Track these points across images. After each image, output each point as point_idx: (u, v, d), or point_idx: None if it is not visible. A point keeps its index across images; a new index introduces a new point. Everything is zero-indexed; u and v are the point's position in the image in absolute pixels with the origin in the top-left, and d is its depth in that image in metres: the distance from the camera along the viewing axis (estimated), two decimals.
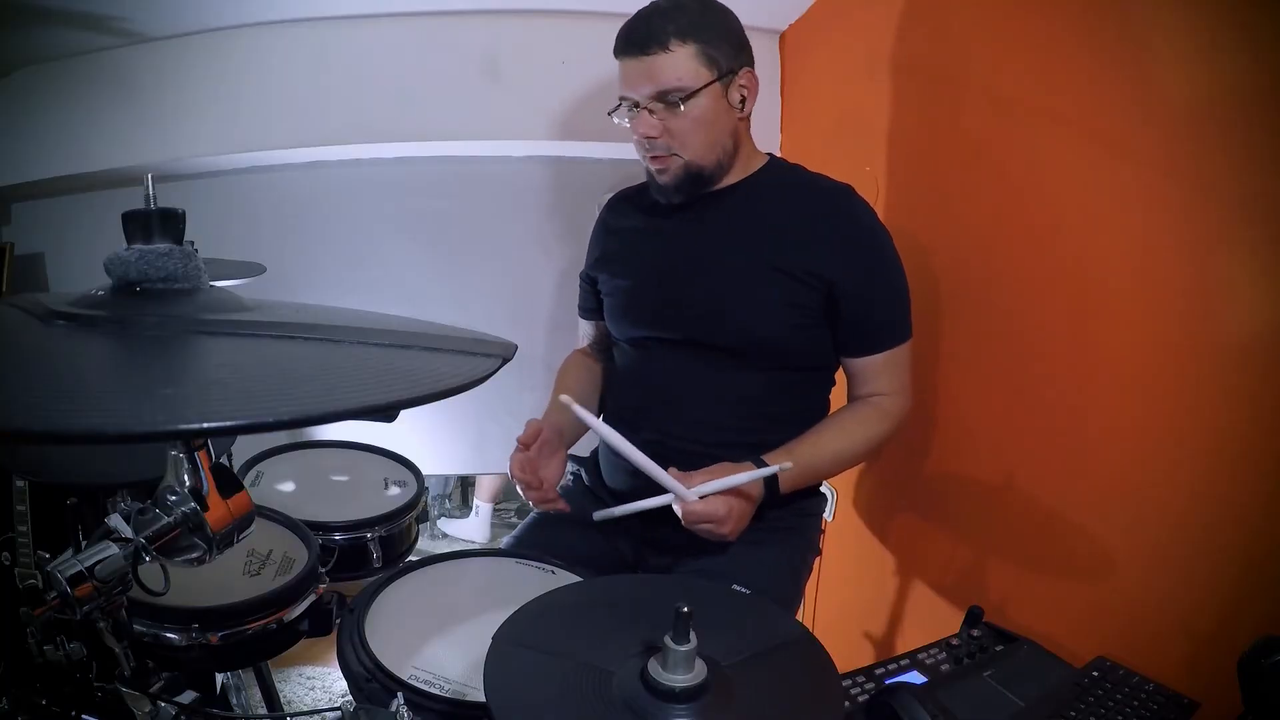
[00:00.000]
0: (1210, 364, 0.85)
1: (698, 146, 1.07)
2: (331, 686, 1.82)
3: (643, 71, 1.04)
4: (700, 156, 1.08)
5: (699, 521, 0.98)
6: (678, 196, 1.12)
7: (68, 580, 0.54)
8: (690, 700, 0.57)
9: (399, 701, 0.67)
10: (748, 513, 1.02)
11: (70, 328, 0.53)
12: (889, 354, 1.10)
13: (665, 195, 1.13)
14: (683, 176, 1.09)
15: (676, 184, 1.10)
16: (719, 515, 0.98)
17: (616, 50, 1.08)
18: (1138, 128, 0.92)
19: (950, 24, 1.24)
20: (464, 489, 3.00)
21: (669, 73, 1.03)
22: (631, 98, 1.07)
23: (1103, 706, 0.80)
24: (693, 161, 1.08)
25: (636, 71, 1.05)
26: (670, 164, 1.09)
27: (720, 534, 0.99)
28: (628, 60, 1.06)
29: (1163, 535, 0.90)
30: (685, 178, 1.10)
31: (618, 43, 1.08)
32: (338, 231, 1.86)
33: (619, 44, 1.07)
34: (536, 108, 1.69)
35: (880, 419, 1.11)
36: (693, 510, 0.97)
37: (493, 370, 0.57)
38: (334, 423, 0.48)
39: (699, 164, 1.09)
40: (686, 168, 1.09)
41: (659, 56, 1.02)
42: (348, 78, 1.64)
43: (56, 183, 1.71)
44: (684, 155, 1.08)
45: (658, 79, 1.03)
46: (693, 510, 0.97)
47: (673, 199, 1.13)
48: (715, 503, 0.97)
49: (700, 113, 1.05)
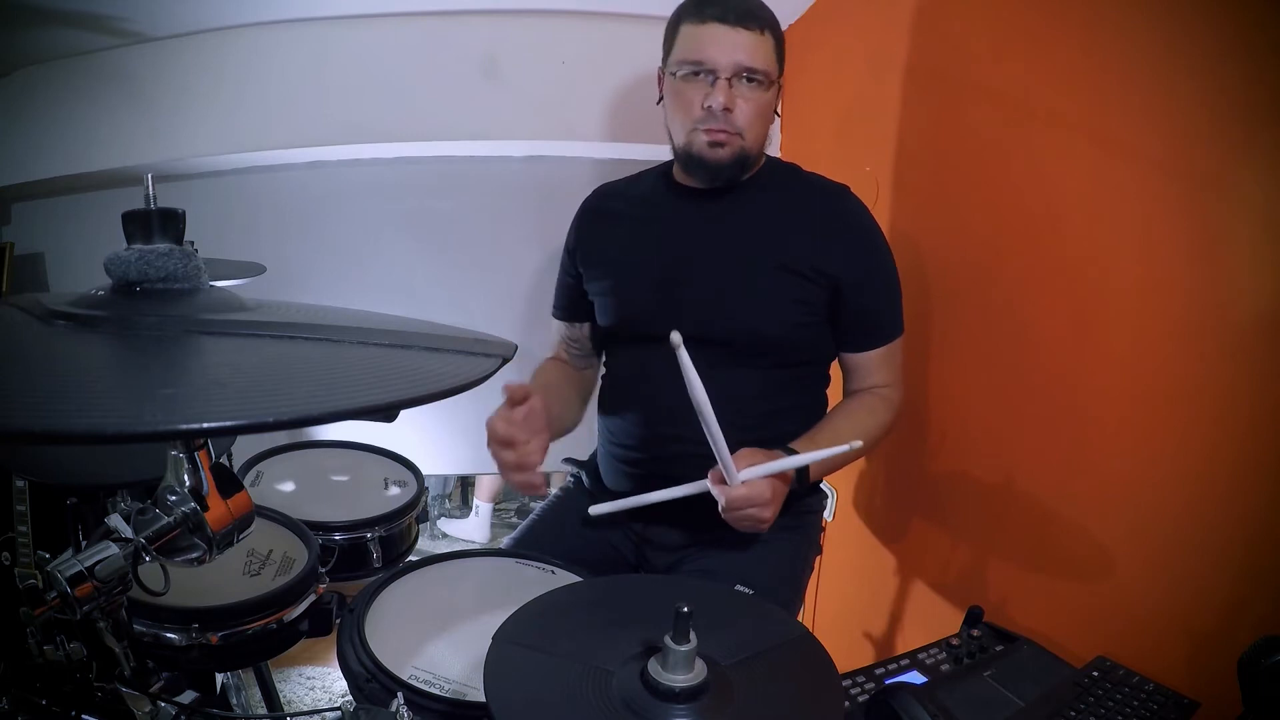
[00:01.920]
0: (1210, 364, 0.85)
1: (758, 134, 1.08)
2: (331, 686, 1.82)
3: (740, 43, 1.02)
4: (755, 145, 1.09)
5: (743, 506, 0.94)
6: (722, 176, 1.10)
7: (68, 580, 0.54)
8: (690, 700, 0.57)
9: (399, 701, 0.67)
10: (783, 499, 1.00)
11: (70, 328, 0.53)
12: (887, 348, 1.13)
13: (708, 174, 1.10)
14: (738, 158, 1.08)
15: (729, 164, 1.08)
16: (764, 498, 0.94)
17: (702, 12, 1.03)
18: (1138, 127, 0.92)
19: (950, 23, 1.24)
20: (464, 489, 3.00)
21: (762, 54, 1.04)
22: (713, 66, 1.03)
23: (1103, 706, 0.80)
24: (749, 145, 1.08)
25: (730, 41, 1.02)
26: (731, 141, 1.07)
27: (762, 519, 0.96)
28: (722, 27, 1.02)
29: (1163, 535, 0.90)
30: (737, 160, 1.08)
31: (710, 7, 1.03)
32: (338, 231, 1.86)
33: (713, 8, 1.03)
34: (536, 108, 1.69)
35: (886, 409, 1.13)
36: (737, 494, 0.94)
37: (493, 370, 0.57)
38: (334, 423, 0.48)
39: (751, 149, 1.08)
40: (743, 150, 1.08)
41: (757, 35, 1.03)
42: (348, 78, 1.64)
43: (56, 183, 1.71)
44: (745, 137, 1.07)
45: (754, 55, 1.03)
46: (737, 494, 0.94)
47: (713, 181, 1.11)
48: (760, 485, 0.94)
49: (766, 104, 1.07)
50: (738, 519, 0.96)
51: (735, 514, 0.96)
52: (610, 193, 1.26)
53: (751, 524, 0.97)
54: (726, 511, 0.95)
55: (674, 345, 0.87)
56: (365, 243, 1.87)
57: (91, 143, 1.64)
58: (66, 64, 1.64)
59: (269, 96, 1.64)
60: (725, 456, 0.92)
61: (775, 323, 1.08)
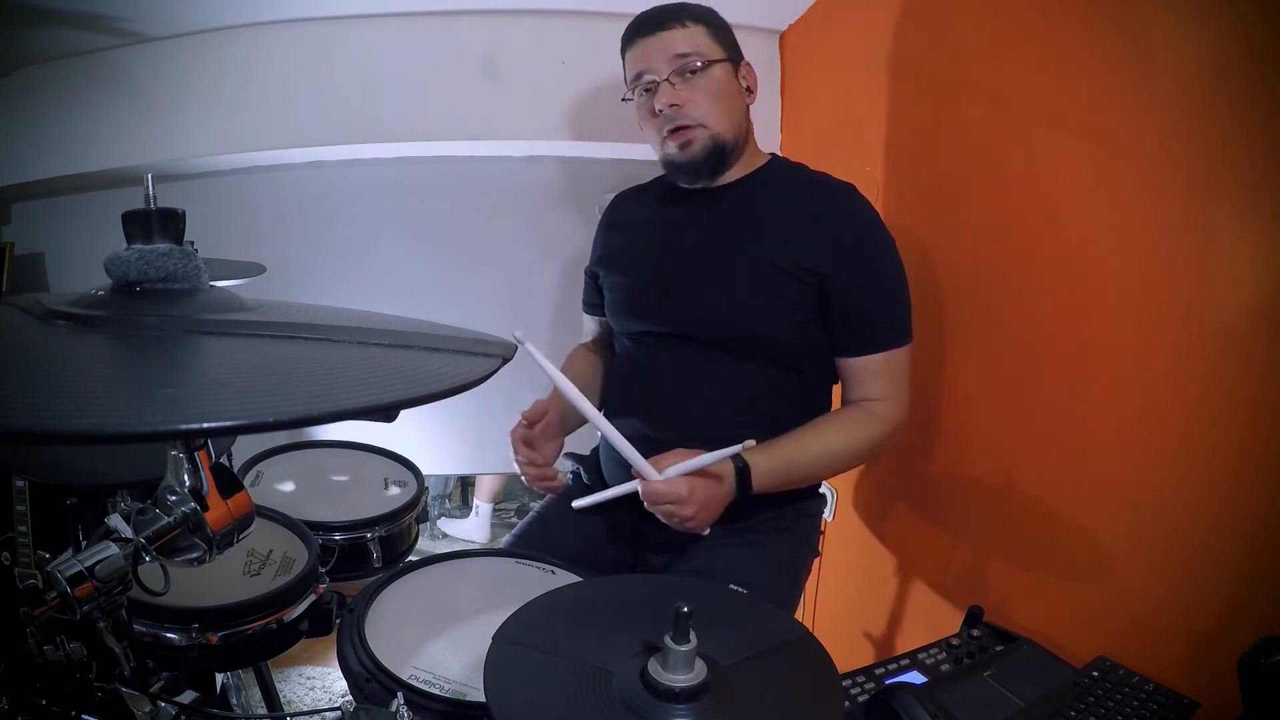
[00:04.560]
0: (1210, 363, 0.85)
1: (719, 116, 1.09)
2: (331, 686, 1.82)
3: (660, 45, 1.08)
4: (722, 127, 1.10)
5: (660, 501, 0.95)
6: (702, 172, 1.12)
7: (68, 580, 0.54)
8: (690, 700, 0.57)
9: (399, 701, 0.67)
10: (715, 499, 0.98)
11: (70, 328, 0.53)
12: (884, 356, 1.08)
13: (687, 174, 1.13)
14: (709, 148, 1.09)
15: (702, 157, 1.10)
16: (680, 495, 0.94)
17: (630, 36, 1.12)
18: (1137, 127, 0.92)
19: (950, 24, 1.24)
20: (464, 489, 3.00)
21: (687, 42, 1.08)
22: (649, 72, 1.09)
23: (1103, 706, 0.80)
24: (717, 132, 1.09)
25: (654, 46, 1.09)
26: (695, 135, 1.09)
27: (684, 516, 0.95)
28: (644, 39, 1.10)
29: (1163, 535, 0.90)
30: (711, 150, 1.10)
31: (629, 31, 1.12)
32: (338, 231, 1.86)
33: (631, 30, 1.12)
34: (536, 108, 1.69)
35: (869, 422, 1.08)
36: (654, 489, 0.94)
37: (493, 370, 0.57)
38: (334, 423, 0.48)
39: (722, 136, 1.10)
40: (712, 139, 1.09)
41: (676, 30, 1.08)
42: (348, 78, 1.64)
43: (56, 183, 1.71)
44: (708, 125, 1.09)
45: (676, 47, 1.08)
46: (654, 489, 0.94)
47: (695, 177, 1.13)
48: (677, 482, 0.94)
49: (717, 84, 1.09)
50: (661, 514, 0.97)
51: (655, 508, 0.96)
52: (624, 196, 1.32)
53: (676, 521, 0.96)
54: (648, 505, 0.97)
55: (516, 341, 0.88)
56: (365, 243, 1.87)
57: (91, 143, 1.64)
58: (66, 64, 1.64)
59: (269, 96, 1.64)
60: (630, 454, 0.96)
61: (766, 321, 1.08)
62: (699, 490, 0.96)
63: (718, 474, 0.97)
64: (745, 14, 1.13)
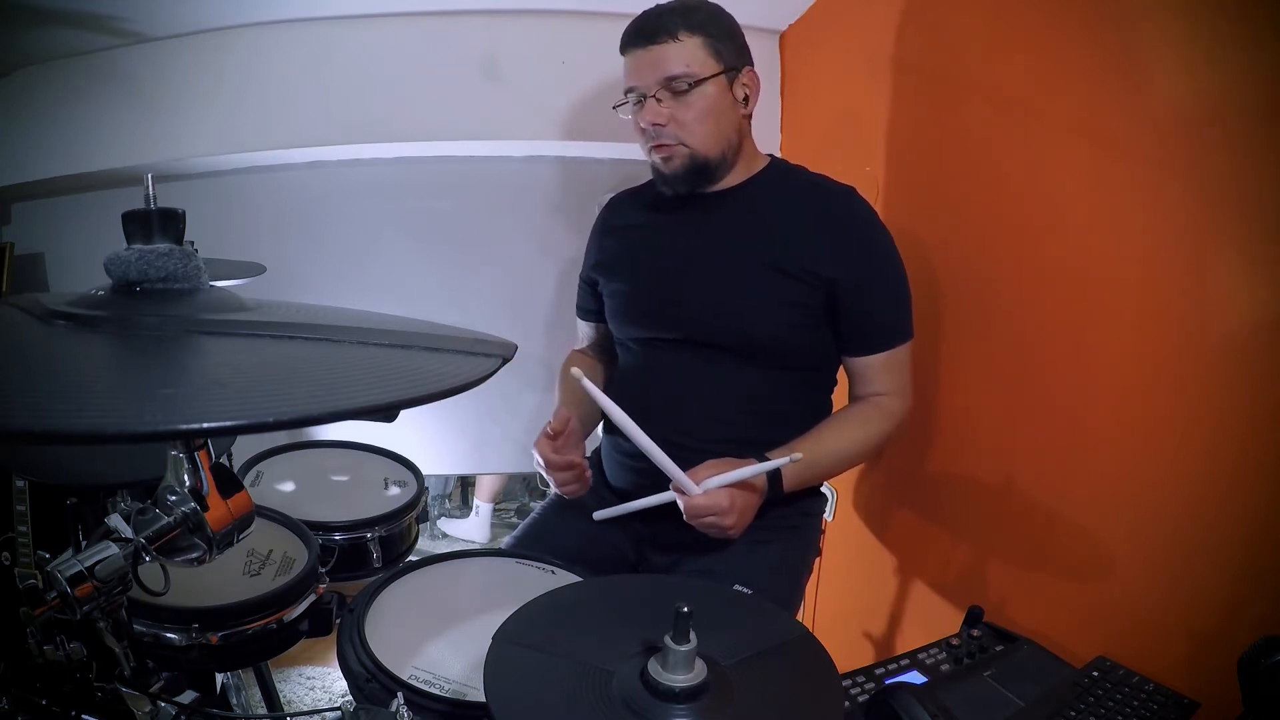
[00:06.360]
0: (1210, 364, 0.85)
1: (703, 136, 1.08)
2: (331, 686, 1.82)
3: (651, 60, 1.06)
4: (706, 147, 1.09)
5: (703, 514, 0.97)
6: (683, 187, 1.12)
7: (68, 580, 0.54)
8: (690, 700, 0.57)
9: (399, 701, 0.67)
10: (752, 507, 1.01)
11: (70, 328, 0.53)
12: (889, 354, 1.10)
13: (670, 186, 1.13)
14: (689, 166, 1.10)
15: (683, 173, 1.11)
16: (722, 507, 0.96)
17: (624, 44, 1.10)
18: (1137, 128, 0.92)
19: (950, 24, 1.24)
20: (464, 489, 3.00)
21: (677, 60, 1.05)
22: (639, 88, 1.08)
23: (1103, 706, 0.80)
24: (698, 152, 1.09)
25: (645, 61, 1.07)
26: (675, 152, 1.09)
27: (724, 527, 0.98)
28: (636, 51, 1.08)
29: (1163, 535, 0.90)
30: (691, 167, 1.10)
31: (625, 37, 1.09)
32: (338, 231, 1.86)
33: (627, 38, 1.09)
34: (536, 108, 1.69)
35: (881, 419, 1.11)
36: (696, 504, 0.96)
37: (493, 370, 0.57)
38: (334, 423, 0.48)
39: (704, 155, 1.09)
40: (692, 157, 1.09)
41: (668, 45, 1.05)
42: (348, 78, 1.64)
43: (56, 183, 1.71)
44: (690, 144, 1.08)
45: (666, 66, 1.05)
46: (696, 504, 0.96)
47: (678, 189, 1.13)
48: (718, 495, 0.97)
49: (707, 102, 1.07)
50: (702, 526, 0.99)
51: (697, 521, 0.98)
52: (620, 200, 1.31)
53: (717, 531, 0.99)
54: (689, 519, 0.98)
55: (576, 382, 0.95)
56: (365, 243, 1.87)
57: (91, 143, 1.64)
58: (66, 64, 1.64)
59: (269, 96, 1.64)
60: (672, 470, 0.96)
61: (767, 324, 1.08)
62: (739, 500, 0.98)
63: (754, 481, 1.00)
64: (745, 14, 1.12)
